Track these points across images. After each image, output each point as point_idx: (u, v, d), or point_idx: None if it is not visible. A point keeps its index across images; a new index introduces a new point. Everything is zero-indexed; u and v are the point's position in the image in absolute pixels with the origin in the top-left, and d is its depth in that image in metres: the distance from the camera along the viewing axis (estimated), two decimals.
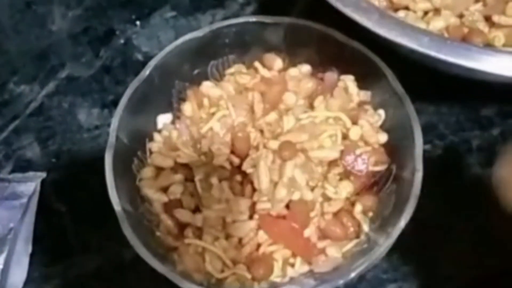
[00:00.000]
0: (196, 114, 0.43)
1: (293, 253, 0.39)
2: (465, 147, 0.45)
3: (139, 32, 0.53)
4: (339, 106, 0.42)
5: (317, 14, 0.42)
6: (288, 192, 0.38)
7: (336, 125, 0.41)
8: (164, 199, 0.40)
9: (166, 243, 0.39)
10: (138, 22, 0.54)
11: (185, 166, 0.41)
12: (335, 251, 0.38)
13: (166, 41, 0.51)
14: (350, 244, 0.39)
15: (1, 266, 0.40)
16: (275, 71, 0.44)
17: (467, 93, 0.45)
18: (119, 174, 0.38)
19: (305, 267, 0.38)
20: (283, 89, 0.42)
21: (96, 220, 0.43)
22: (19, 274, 0.42)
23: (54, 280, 0.43)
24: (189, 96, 0.44)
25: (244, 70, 0.45)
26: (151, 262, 0.36)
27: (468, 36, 0.42)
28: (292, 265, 0.39)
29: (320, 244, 0.39)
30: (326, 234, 0.39)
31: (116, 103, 0.41)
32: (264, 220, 0.38)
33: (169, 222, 0.39)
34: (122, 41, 0.53)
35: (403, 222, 0.36)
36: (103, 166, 0.38)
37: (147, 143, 0.43)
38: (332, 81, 0.43)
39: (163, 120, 0.44)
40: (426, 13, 0.44)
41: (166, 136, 0.43)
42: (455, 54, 0.36)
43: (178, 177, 0.41)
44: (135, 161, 0.42)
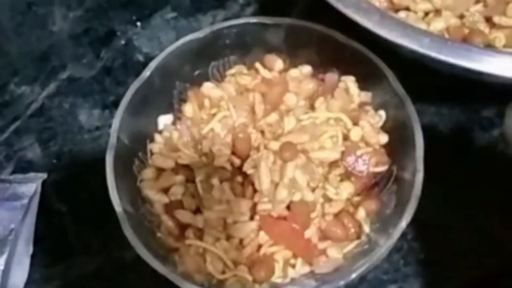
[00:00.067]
0: (197, 115, 0.43)
1: (294, 254, 0.39)
2: (466, 148, 0.45)
3: (140, 33, 0.53)
4: (340, 107, 0.42)
5: (317, 15, 0.42)
6: (289, 193, 0.38)
7: (337, 126, 0.41)
8: (165, 200, 0.40)
9: (167, 244, 0.39)
10: (139, 23, 0.54)
11: (186, 167, 0.41)
12: (336, 252, 0.38)
13: (167, 42, 0.51)
14: (351, 245, 0.39)
15: (2, 267, 0.40)
16: (275, 72, 0.44)
17: (468, 94, 0.45)
18: (120, 175, 0.38)
19: (306, 268, 0.39)
20: (284, 90, 0.42)
21: (97, 221, 0.43)
22: (20, 275, 0.42)
23: (55, 280, 0.43)
24: (190, 97, 0.44)
25: (245, 71, 0.44)
26: (152, 263, 0.36)
27: (469, 37, 0.42)
28: (293, 266, 0.39)
29: (321, 245, 0.39)
30: (327, 235, 0.39)
31: (117, 104, 0.41)
32: (265, 221, 0.38)
33: (170, 223, 0.39)
34: (123, 42, 0.53)
35: (404, 222, 0.36)
36: (104, 167, 0.38)
37: (148, 144, 0.43)
38: (332, 82, 0.43)
39: (164, 121, 0.44)
40: (426, 14, 0.44)
41: (167, 137, 0.43)
42: (455, 55, 0.36)
43: (179, 178, 0.41)
44: (136, 162, 0.42)
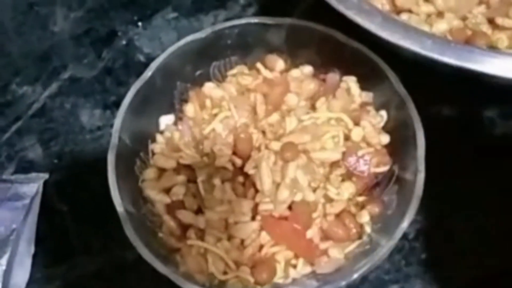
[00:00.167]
0: (198, 115, 0.43)
1: (296, 254, 0.39)
2: (467, 148, 0.45)
3: (141, 33, 0.53)
4: (341, 107, 0.42)
5: (318, 15, 0.42)
6: (290, 193, 0.38)
7: (338, 126, 0.41)
8: (167, 200, 0.40)
9: (168, 244, 0.39)
10: (140, 24, 0.54)
11: (188, 167, 0.41)
12: (337, 252, 0.38)
13: (168, 42, 0.51)
14: (353, 245, 0.39)
15: (3, 267, 0.40)
16: (277, 72, 0.44)
17: (470, 95, 0.45)
18: (121, 175, 0.38)
19: (308, 268, 0.39)
20: (285, 90, 0.43)
21: (98, 221, 0.43)
22: (22, 275, 0.42)
23: (57, 281, 0.43)
24: (191, 97, 0.44)
25: (246, 71, 0.44)
26: (153, 263, 0.36)
27: (472, 39, 0.42)
28: (295, 266, 0.39)
29: (322, 245, 0.39)
30: (329, 235, 0.39)
31: (118, 104, 0.41)
32: (266, 221, 0.38)
33: (171, 223, 0.39)
34: (124, 42, 0.53)
35: (405, 223, 0.36)
36: (106, 167, 0.38)
37: (149, 144, 0.43)
38: (334, 82, 0.43)
39: (165, 121, 0.44)
40: (429, 16, 0.44)
41: (168, 137, 0.43)
42: (458, 57, 0.36)
43: (181, 178, 0.41)
44: (138, 162, 0.42)
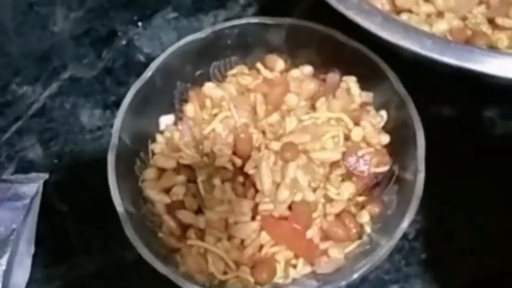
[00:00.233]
0: (198, 115, 0.43)
1: (296, 254, 0.39)
2: (467, 148, 0.45)
3: (141, 33, 0.53)
4: (341, 107, 0.42)
5: (318, 15, 0.42)
6: (290, 193, 0.38)
7: (338, 126, 0.41)
8: (167, 200, 0.40)
9: (168, 244, 0.39)
10: (140, 23, 0.54)
11: (188, 167, 0.41)
12: (337, 252, 0.38)
13: (168, 42, 0.51)
14: (353, 245, 0.39)
15: (3, 267, 0.40)
16: (277, 72, 0.44)
17: (470, 95, 0.45)
18: (121, 175, 0.38)
19: (308, 268, 0.39)
20: (285, 90, 0.43)
21: (98, 221, 0.43)
22: (22, 275, 0.42)
23: (57, 281, 0.43)
24: (191, 97, 0.44)
25: (246, 71, 0.44)
26: (153, 263, 0.36)
27: (472, 39, 0.42)
28: (295, 266, 0.39)
29: (322, 245, 0.39)
30: (329, 235, 0.39)
31: (118, 104, 0.41)
32: (266, 221, 0.38)
33: (171, 223, 0.39)
34: (124, 42, 0.53)
35: (405, 223, 0.36)
36: (106, 167, 0.38)
37: (149, 144, 0.43)
38: (334, 82, 0.43)
39: (165, 121, 0.44)
40: (429, 15, 0.44)
41: (168, 137, 0.43)
42: (458, 57, 0.36)
43: (181, 178, 0.41)
44: (138, 162, 0.42)
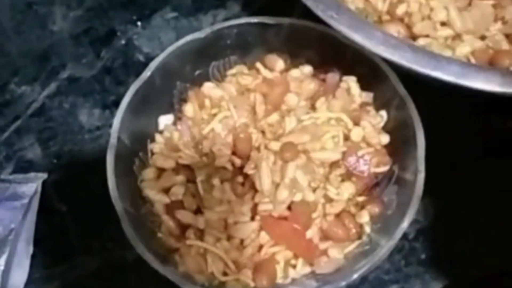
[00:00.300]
0: (197, 115, 0.43)
1: (295, 254, 0.39)
2: (467, 148, 0.45)
3: (140, 33, 0.53)
4: (341, 107, 0.42)
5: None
6: (290, 193, 0.38)
7: (338, 126, 0.41)
8: (166, 200, 0.40)
9: (167, 244, 0.39)
10: (139, 23, 0.54)
11: (187, 167, 0.41)
12: (337, 252, 0.38)
13: (167, 42, 0.51)
14: (352, 245, 0.39)
15: (2, 267, 0.40)
16: (277, 72, 0.44)
17: (470, 94, 0.45)
18: (120, 175, 0.38)
19: (307, 269, 0.39)
20: (285, 90, 0.42)
21: (97, 221, 0.43)
22: (20, 275, 0.42)
23: (55, 281, 0.43)
24: (191, 97, 0.44)
25: (245, 71, 0.44)
26: (152, 263, 0.36)
27: (495, 59, 0.41)
28: (294, 267, 0.39)
29: (322, 245, 0.39)
30: (328, 235, 0.39)
31: (117, 104, 0.41)
32: (266, 221, 0.38)
33: (170, 223, 0.39)
34: (123, 42, 0.53)
35: (405, 223, 0.36)
36: (105, 167, 0.38)
37: (148, 144, 0.43)
38: (334, 82, 0.43)
39: (164, 121, 0.44)
40: (447, 39, 0.43)
41: (167, 137, 0.43)
42: (488, 81, 0.36)
43: (180, 178, 0.41)
44: (137, 162, 0.42)
